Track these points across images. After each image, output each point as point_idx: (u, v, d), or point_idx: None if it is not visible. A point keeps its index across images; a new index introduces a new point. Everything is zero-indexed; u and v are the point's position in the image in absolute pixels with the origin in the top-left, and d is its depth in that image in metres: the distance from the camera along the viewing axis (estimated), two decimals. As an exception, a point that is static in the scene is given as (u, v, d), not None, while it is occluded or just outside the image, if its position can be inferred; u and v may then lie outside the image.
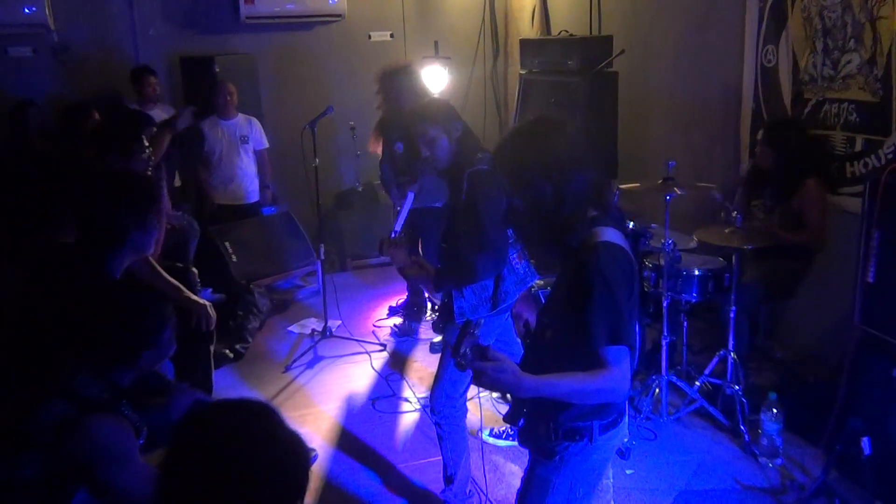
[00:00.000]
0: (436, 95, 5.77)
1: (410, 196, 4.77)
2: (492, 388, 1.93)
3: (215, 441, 1.24)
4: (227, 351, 4.95)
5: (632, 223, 4.15)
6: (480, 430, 3.85)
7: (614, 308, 1.90)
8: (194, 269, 4.40)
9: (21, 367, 2.42)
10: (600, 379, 1.90)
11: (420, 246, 4.92)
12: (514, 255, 3.10)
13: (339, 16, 6.74)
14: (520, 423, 2.19)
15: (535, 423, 2.13)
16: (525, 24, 7.14)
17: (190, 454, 1.24)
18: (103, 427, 2.05)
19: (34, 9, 5.99)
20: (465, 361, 1.91)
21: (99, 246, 2.72)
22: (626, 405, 2.22)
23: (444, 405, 3.16)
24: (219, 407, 1.41)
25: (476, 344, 1.93)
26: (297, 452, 1.29)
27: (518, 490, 2.27)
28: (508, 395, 3.49)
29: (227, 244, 5.81)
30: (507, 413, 2.24)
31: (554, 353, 2.03)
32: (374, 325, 5.54)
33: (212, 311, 3.31)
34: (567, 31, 5.93)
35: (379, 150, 5.32)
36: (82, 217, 2.77)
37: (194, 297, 3.35)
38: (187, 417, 1.33)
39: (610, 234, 1.99)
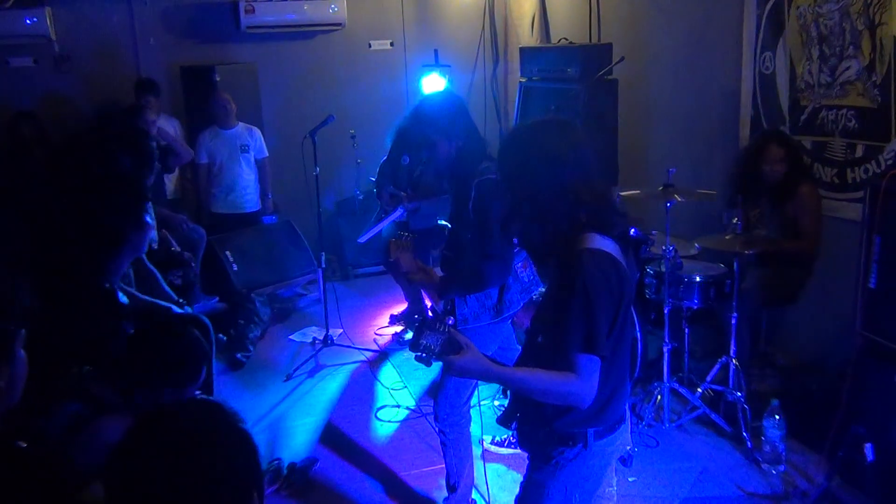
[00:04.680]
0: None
1: (399, 210, 4.78)
2: (463, 377, 2.04)
3: (159, 443, 1.24)
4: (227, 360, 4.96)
5: (633, 230, 4.15)
6: (483, 437, 3.85)
7: (591, 316, 1.90)
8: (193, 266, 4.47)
9: (39, 370, 2.42)
10: (565, 383, 1.92)
11: None
12: (520, 264, 3.11)
13: (339, 24, 6.76)
14: (512, 426, 2.20)
15: (534, 427, 2.14)
16: (525, 31, 7.16)
17: (133, 461, 1.23)
18: (113, 428, 2.05)
19: (35, 19, 6.02)
20: (427, 354, 1.95)
21: (98, 250, 2.72)
22: (627, 411, 2.21)
23: (447, 413, 3.16)
24: (164, 410, 1.42)
25: (451, 340, 1.96)
26: (242, 448, 1.28)
27: (517, 496, 2.27)
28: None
29: (227, 253, 5.82)
30: (500, 416, 2.25)
31: (544, 357, 2.04)
32: (376, 334, 5.54)
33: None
34: (567, 39, 5.95)
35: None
36: (79, 223, 2.78)
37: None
38: (133, 425, 1.31)
39: (599, 241, 1.98)
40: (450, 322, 2.03)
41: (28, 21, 6.00)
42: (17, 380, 1.59)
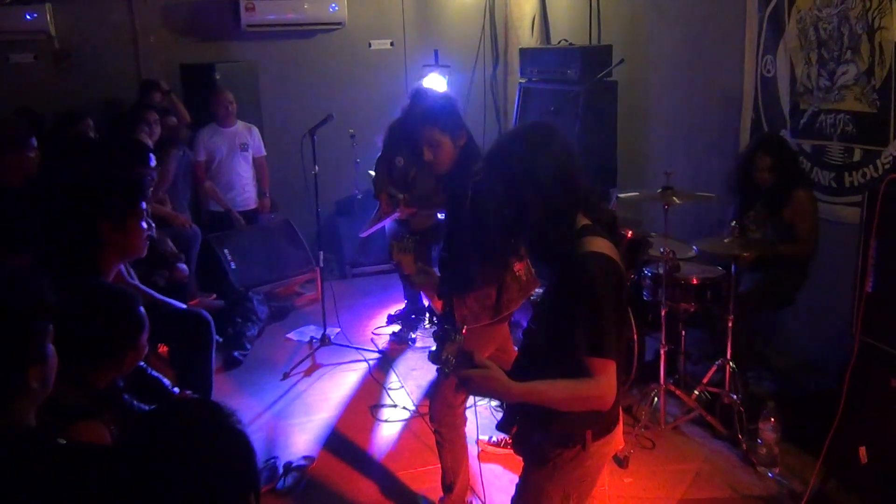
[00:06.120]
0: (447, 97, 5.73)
1: (396, 215, 4.77)
2: (479, 395, 2.01)
3: (156, 444, 1.24)
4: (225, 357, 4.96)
5: (630, 232, 4.16)
6: (479, 437, 3.85)
7: (599, 318, 1.91)
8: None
9: None
10: (586, 388, 1.92)
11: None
12: (518, 264, 3.11)
13: (339, 24, 6.76)
14: (513, 432, 2.20)
15: (529, 430, 2.14)
16: (525, 32, 7.16)
17: (131, 459, 1.24)
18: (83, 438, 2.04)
19: (35, 15, 6.02)
20: (448, 368, 1.94)
21: (81, 249, 2.72)
22: (620, 412, 2.22)
23: (444, 413, 3.16)
24: (161, 409, 1.42)
25: (461, 350, 1.95)
26: (239, 450, 1.28)
27: (512, 497, 2.27)
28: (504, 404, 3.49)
29: (226, 251, 5.82)
30: (500, 422, 2.24)
31: (542, 360, 2.04)
32: (373, 333, 5.54)
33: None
34: (567, 41, 5.96)
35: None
36: (64, 221, 2.78)
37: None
38: (132, 424, 1.31)
39: (599, 244, 1.99)
40: (464, 332, 2.01)
41: (28, 17, 6.01)
42: (49, 374, 1.61)
